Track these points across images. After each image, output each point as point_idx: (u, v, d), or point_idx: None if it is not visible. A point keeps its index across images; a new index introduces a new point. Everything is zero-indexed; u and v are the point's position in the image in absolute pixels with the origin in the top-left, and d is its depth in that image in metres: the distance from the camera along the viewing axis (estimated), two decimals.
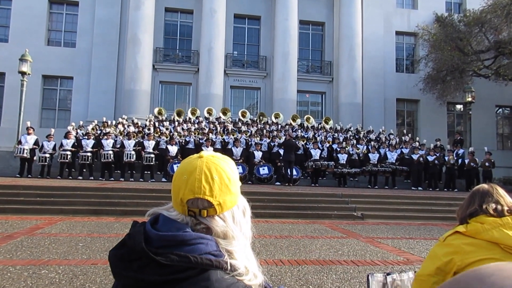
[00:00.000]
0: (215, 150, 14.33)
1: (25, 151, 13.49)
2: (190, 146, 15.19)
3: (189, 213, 0.92)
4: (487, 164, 15.64)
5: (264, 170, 14.73)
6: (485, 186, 1.90)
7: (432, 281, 1.72)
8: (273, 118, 19.90)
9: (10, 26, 21.26)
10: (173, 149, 14.60)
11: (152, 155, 14.18)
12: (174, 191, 0.95)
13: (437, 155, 15.92)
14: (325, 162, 15.23)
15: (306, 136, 17.62)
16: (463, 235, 1.75)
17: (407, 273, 2.18)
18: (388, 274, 2.15)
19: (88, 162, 14.00)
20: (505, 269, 0.45)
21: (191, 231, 0.89)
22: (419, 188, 15.22)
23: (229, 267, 0.87)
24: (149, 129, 16.28)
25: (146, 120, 18.33)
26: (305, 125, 19.85)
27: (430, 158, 15.67)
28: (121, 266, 0.87)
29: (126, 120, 17.76)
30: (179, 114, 19.40)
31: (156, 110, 19.43)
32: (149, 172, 14.39)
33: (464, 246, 1.70)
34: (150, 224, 0.92)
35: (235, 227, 0.94)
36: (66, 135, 14.43)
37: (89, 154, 13.96)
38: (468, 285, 0.45)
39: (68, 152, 13.86)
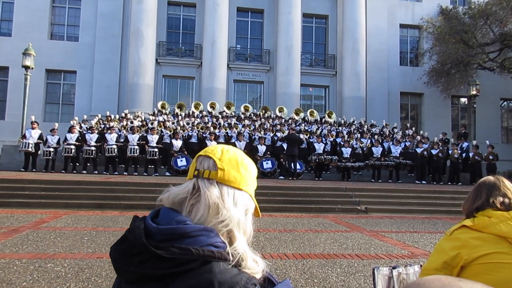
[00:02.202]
0: (219, 144, 14.32)
1: (30, 145, 13.56)
2: (193, 140, 15.21)
3: (194, 174, 0.95)
4: (490, 157, 15.58)
5: (267, 164, 14.73)
6: (491, 178, 1.87)
7: (434, 273, 1.71)
8: (277, 112, 19.85)
9: (13, 20, 21.27)
10: (177, 144, 14.61)
11: (156, 149, 14.21)
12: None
13: (441, 148, 15.88)
14: (329, 156, 15.21)
15: (309, 130, 17.58)
16: (470, 229, 1.73)
17: (413, 267, 2.17)
18: (393, 267, 2.14)
19: (92, 156, 14.06)
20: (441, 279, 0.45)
21: (192, 224, 0.88)
22: (423, 182, 15.20)
23: (231, 258, 0.86)
24: (152, 123, 16.30)
25: (150, 114, 18.34)
26: (309, 118, 19.81)
27: (434, 152, 15.63)
28: (123, 261, 0.86)
29: (130, 114, 17.76)
30: (180, 108, 19.40)
31: (159, 104, 19.43)
32: (152, 166, 14.43)
33: (471, 240, 1.69)
34: (151, 218, 0.91)
35: (230, 205, 0.92)
36: (70, 129, 14.49)
37: (93, 148, 14.02)
38: None
39: (72, 146, 13.90)
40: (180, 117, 17.80)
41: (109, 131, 14.62)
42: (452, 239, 1.76)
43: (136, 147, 14.13)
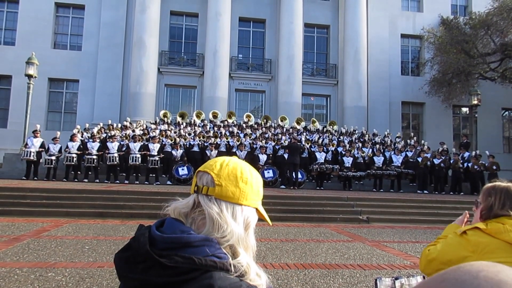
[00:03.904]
0: (220, 153, 14.37)
1: (32, 153, 13.58)
2: (195, 149, 15.22)
3: (194, 190, 0.97)
4: (494, 167, 15.52)
5: (268, 173, 14.71)
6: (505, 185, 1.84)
7: (437, 267, 1.74)
8: (278, 121, 19.87)
9: (17, 29, 21.45)
10: (177, 153, 14.64)
11: (157, 158, 14.22)
12: None
13: (443, 158, 15.84)
14: (330, 165, 15.18)
15: (310, 139, 17.57)
16: (482, 232, 1.73)
17: (416, 277, 2.15)
18: (396, 278, 2.12)
19: (93, 164, 14.06)
20: (493, 265, 0.45)
21: (195, 234, 0.89)
22: (425, 192, 15.14)
23: (233, 269, 0.87)
24: (153, 132, 16.31)
25: (151, 123, 18.38)
26: (310, 127, 19.81)
27: (436, 161, 15.60)
28: (127, 269, 0.87)
29: (131, 123, 17.80)
30: (182, 116, 19.45)
31: (161, 113, 19.47)
32: (154, 175, 14.43)
33: (483, 245, 1.69)
34: (156, 227, 0.92)
35: (230, 221, 0.93)
36: (72, 138, 14.51)
37: (94, 156, 14.03)
38: (461, 281, 0.43)
39: (74, 155, 13.92)
40: (182, 126, 17.83)
41: (110, 140, 14.63)
42: (464, 240, 1.75)
43: (138, 155, 14.13)
